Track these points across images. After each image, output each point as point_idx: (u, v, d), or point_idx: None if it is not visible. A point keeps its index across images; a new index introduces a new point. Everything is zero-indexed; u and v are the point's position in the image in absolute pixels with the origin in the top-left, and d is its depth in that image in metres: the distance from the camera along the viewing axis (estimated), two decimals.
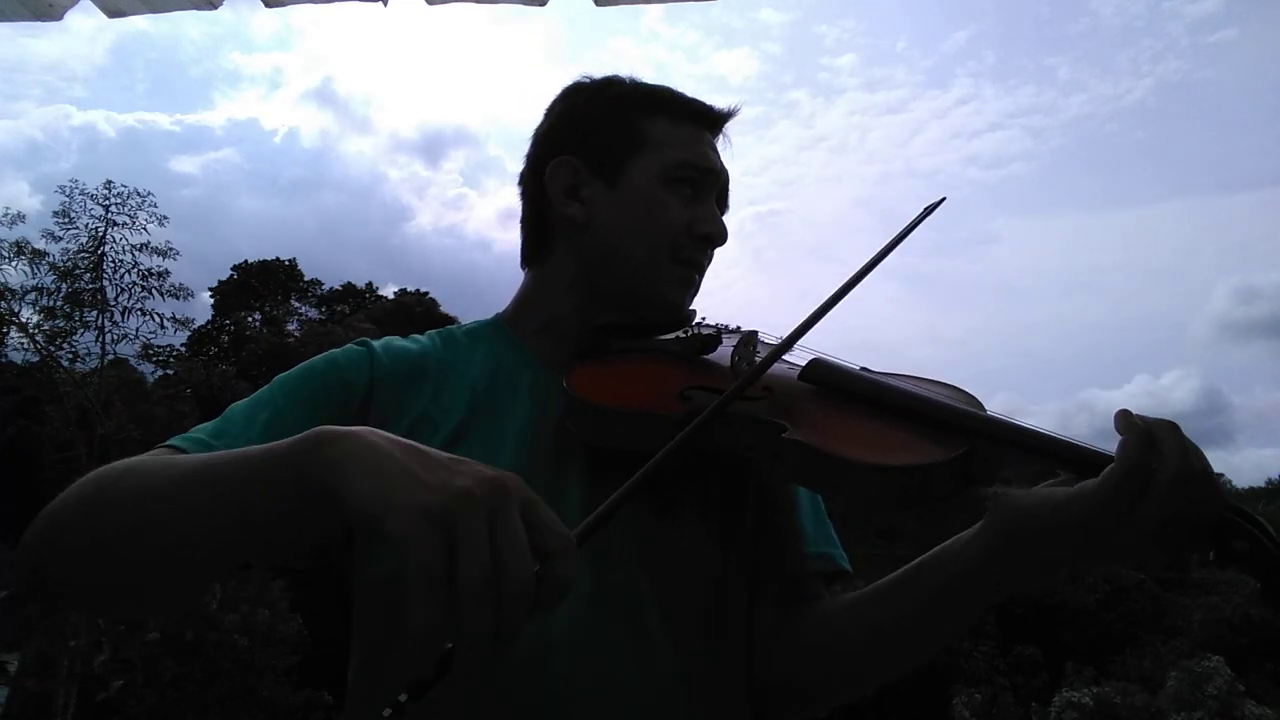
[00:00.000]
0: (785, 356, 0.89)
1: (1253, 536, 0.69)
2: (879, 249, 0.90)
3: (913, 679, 18.50)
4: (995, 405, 0.83)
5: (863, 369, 0.90)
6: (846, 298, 0.86)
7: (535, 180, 1.02)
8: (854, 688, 0.93)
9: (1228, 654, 17.55)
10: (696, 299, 1.03)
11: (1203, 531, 0.70)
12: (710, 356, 0.95)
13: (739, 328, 0.99)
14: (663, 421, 0.81)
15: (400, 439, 0.62)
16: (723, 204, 1.04)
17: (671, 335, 0.98)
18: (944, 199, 0.96)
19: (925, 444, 0.75)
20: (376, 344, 0.98)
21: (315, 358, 0.96)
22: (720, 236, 1.00)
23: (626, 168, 0.98)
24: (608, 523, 0.65)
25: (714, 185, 1.01)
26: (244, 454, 0.67)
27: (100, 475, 0.72)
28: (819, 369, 0.87)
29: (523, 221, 1.05)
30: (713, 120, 1.03)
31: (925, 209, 0.95)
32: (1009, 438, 0.76)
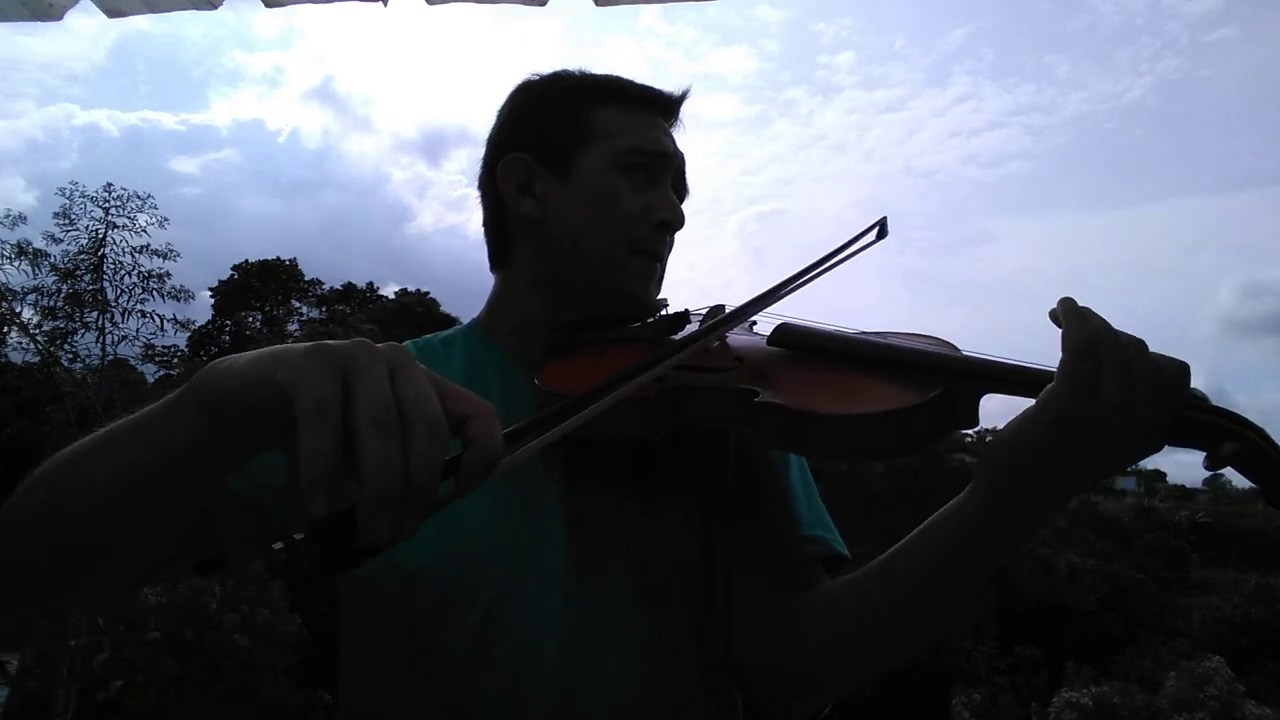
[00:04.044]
0: (757, 329, 0.91)
1: (1243, 437, 0.68)
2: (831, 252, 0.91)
3: (913, 679, 18.48)
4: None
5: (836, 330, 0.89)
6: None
7: (489, 181, 1.01)
8: (859, 671, 0.89)
9: (1228, 654, 17.54)
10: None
11: (1182, 412, 0.69)
12: (680, 336, 0.94)
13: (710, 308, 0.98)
14: (639, 403, 0.80)
15: None
16: (680, 189, 1.02)
17: (639, 324, 0.98)
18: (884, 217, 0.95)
19: (900, 390, 0.76)
20: None
21: None
22: (677, 221, 0.99)
23: (577, 159, 0.96)
24: (545, 432, 0.63)
25: (668, 169, 0.99)
26: (143, 412, 0.64)
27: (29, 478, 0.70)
28: (786, 332, 0.87)
29: (484, 224, 1.04)
30: (664, 104, 1.01)
31: (876, 229, 0.94)
32: (984, 372, 0.76)
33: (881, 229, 0.92)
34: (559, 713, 0.79)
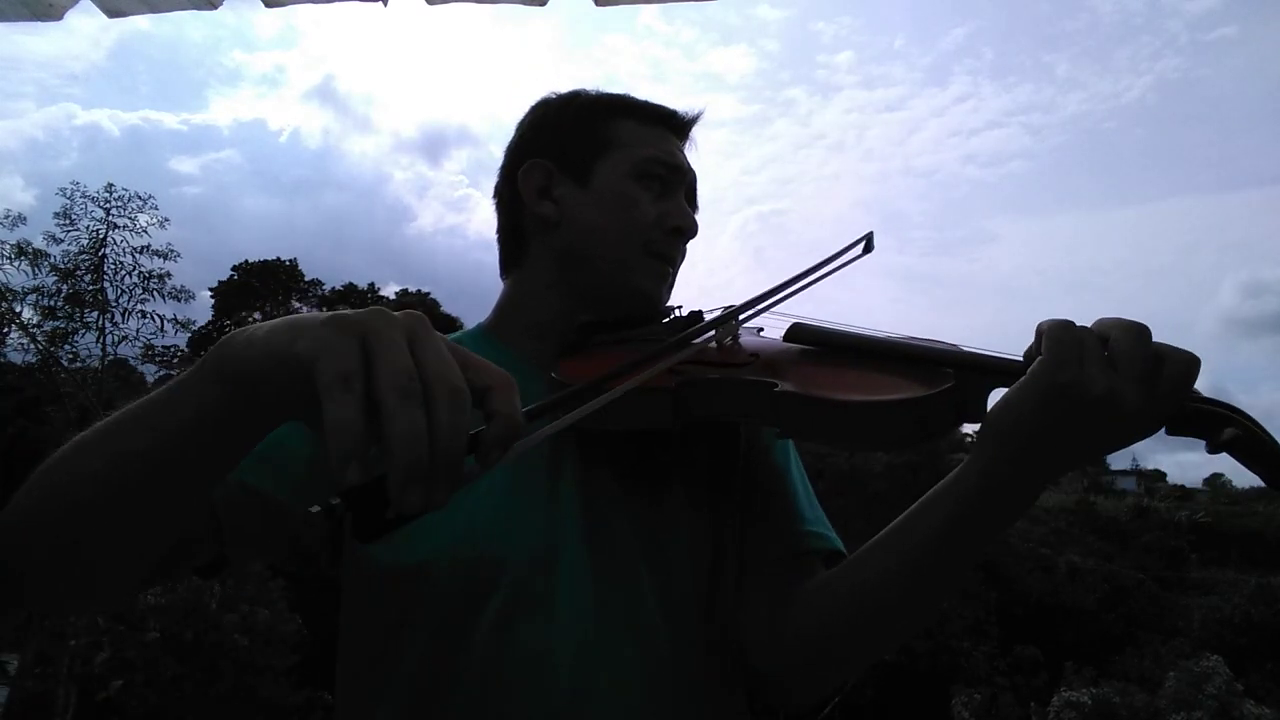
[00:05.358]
0: (767, 334, 0.95)
1: (1241, 424, 0.71)
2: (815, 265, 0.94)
3: (913, 679, 18.48)
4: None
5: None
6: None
7: (509, 187, 1.04)
8: (861, 648, 0.88)
9: (1228, 654, 17.54)
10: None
11: (1183, 406, 0.71)
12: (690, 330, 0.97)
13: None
14: (659, 394, 0.83)
15: None
16: (691, 203, 1.06)
17: (652, 326, 1.01)
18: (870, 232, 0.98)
19: (913, 382, 0.79)
20: None
21: None
22: (691, 229, 1.02)
23: (596, 167, 1.00)
24: (565, 413, 0.65)
25: (682, 183, 1.03)
26: (162, 388, 0.64)
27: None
28: (800, 329, 0.91)
29: (499, 231, 1.08)
30: (678, 124, 1.06)
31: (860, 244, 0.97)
32: (992, 366, 0.79)
33: (868, 244, 0.95)
34: (578, 697, 0.81)
